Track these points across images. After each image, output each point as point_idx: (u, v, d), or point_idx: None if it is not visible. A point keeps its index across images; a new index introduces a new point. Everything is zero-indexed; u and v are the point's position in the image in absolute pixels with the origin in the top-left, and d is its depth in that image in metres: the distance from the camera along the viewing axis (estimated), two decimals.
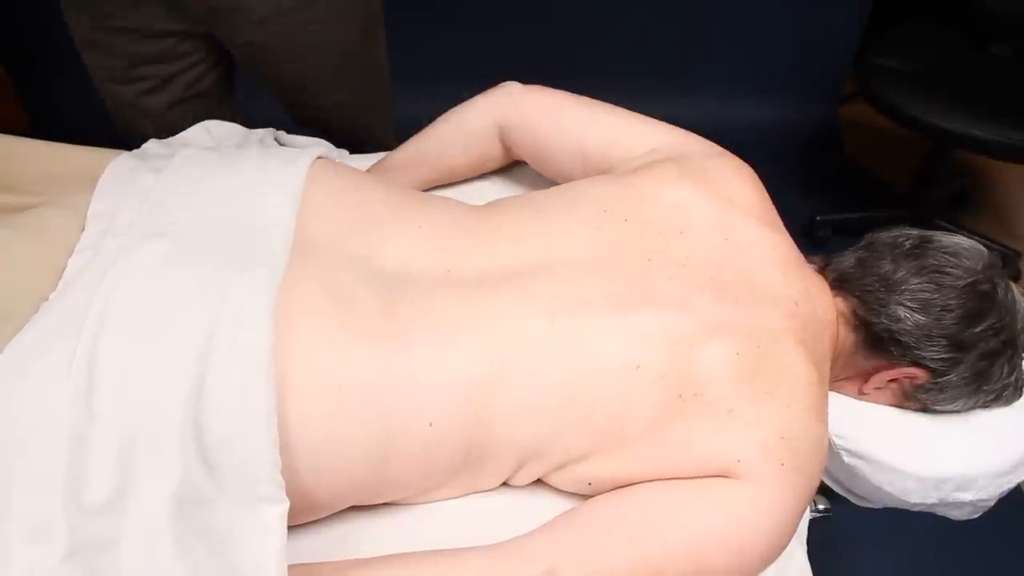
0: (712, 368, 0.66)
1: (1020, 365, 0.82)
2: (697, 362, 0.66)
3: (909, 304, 0.76)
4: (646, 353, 0.66)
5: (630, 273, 0.70)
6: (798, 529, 0.71)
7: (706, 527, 0.64)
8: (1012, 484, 0.87)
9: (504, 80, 0.91)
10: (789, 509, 0.66)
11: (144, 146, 0.84)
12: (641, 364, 0.65)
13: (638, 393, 0.65)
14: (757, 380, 0.67)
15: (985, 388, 0.81)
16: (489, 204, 0.80)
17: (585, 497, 0.69)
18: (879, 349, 0.78)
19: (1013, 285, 0.80)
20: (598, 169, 0.83)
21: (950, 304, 0.75)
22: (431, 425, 0.63)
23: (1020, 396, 0.84)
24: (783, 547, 0.67)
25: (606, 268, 0.70)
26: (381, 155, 0.98)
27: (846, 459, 0.84)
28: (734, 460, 0.65)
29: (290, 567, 0.57)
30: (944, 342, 0.76)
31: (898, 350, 0.77)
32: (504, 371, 0.64)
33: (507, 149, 0.92)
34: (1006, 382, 0.81)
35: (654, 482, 0.66)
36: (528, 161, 0.92)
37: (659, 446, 0.66)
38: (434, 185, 0.94)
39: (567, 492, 0.71)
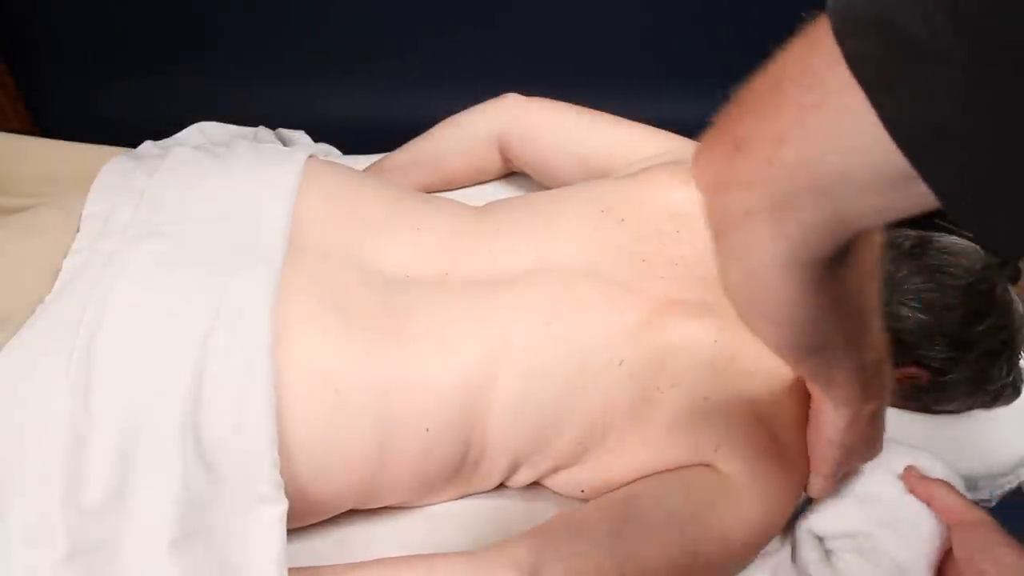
0: (690, 357, 0.66)
1: (1018, 364, 0.82)
2: (675, 352, 0.66)
3: (911, 304, 0.75)
4: (628, 349, 0.66)
5: (624, 274, 0.70)
6: None
7: (690, 517, 0.63)
8: (1012, 485, 0.87)
9: (503, 81, 0.91)
10: (776, 493, 0.65)
11: (140, 147, 0.84)
12: (624, 360, 0.65)
13: (619, 389, 0.65)
14: (735, 364, 0.66)
15: (985, 388, 0.81)
16: (487, 206, 0.80)
17: (582, 501, 0.69)
18: None
19: (1010, 286, 0.80)
20: (599, 177, 0.83)
21: (952, 303, 0.75)
22: (428, 430, 0.63)
23: (1018, 396, 0.84)
24: (775, 531, 0.67)
25: (601, 270, 0.70)
26: (376, 157, 0.98)
27: None
28: (712, 449, 0.65)
29: (290, 571, 0.57)
30: (946, 341, 0.76)
31: (900, 350, 0.76)
32: (499, 375, 0.64)
33: (506, 160, 0.92)
34: (1005, 382, 0.81)
35: (641, 479, 0.66)
36: (528, 172, 0.92)
37: (643, 442, 0.66)
38: (430, 190, 0.94)
39: (565, 495, 0.71)
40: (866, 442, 0.62)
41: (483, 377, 0.64)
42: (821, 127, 0.31)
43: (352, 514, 0.68)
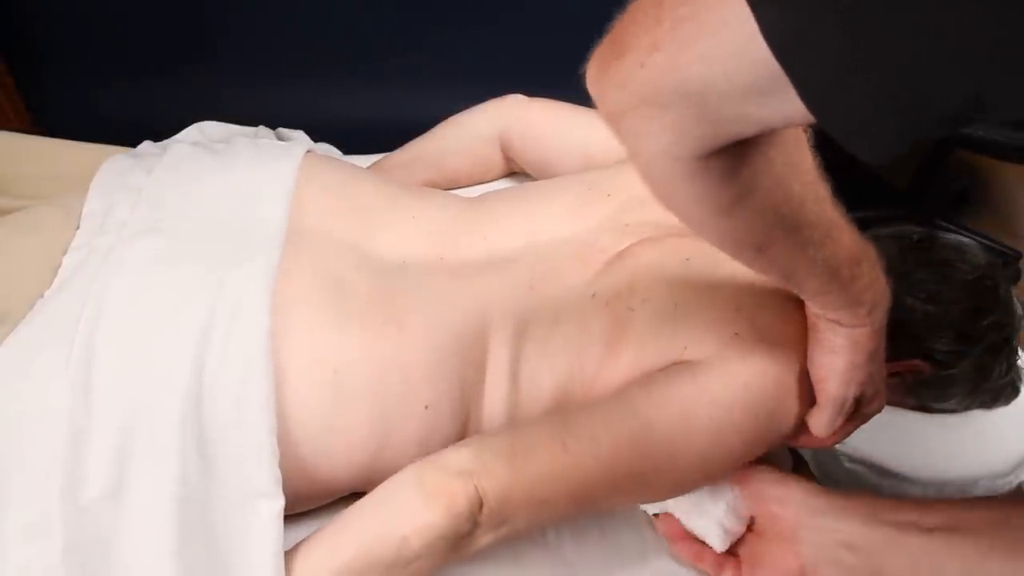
0: (660, 272, 0.66)
1: (1016, 364, 0.82)
2: (644, 271, 0.66)
3: (919, 295, 0.75)
4: (600, 282, 0.67)
5: (605, 240, 0.70)
6: None
7: (644, 392, 0.61)
8: (1012, 485, 0.87)
9: (505, 82, 0.91)
10: (752, 370, 0.62)
11: (139, 147, 0.84)
12: (596, 292, 0.66)
13: (594, 320, 0.66)
14: (714, 271, 0.65)
15: (984, 386, 0.81)
16: (481, 196, 0.81)
17: None
18: (887, 341, 0.78)
19: (1010, 287, 0.80)
20: None
21: (958, 296, 0.76)
22: (427, 407, 0.63)
23: (1016, 395, 0.84)
24: (760, 418, 0.62)
25: (585, 239, 0.71)
26: (377, 156, 0.98)
27: (847, 464, 0.84)
28: (681, 347, 0.64)
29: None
30: (952, 334, 0.76)
31: (906, 342, 0.76)
32: (490, 345, 0.65)
33: (507, 159, 0.93)
34: (1004, 381, 0.81)
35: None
36: (529, 171, 0.92)
37: (619, 361, 0.66)
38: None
39: None
40: (871, 363, 0.59)
41: (477, 351, 0.65)
42: (692, 36, 0.35)
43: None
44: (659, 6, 0.36)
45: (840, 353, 0.59)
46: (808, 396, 0.63)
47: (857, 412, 0.64)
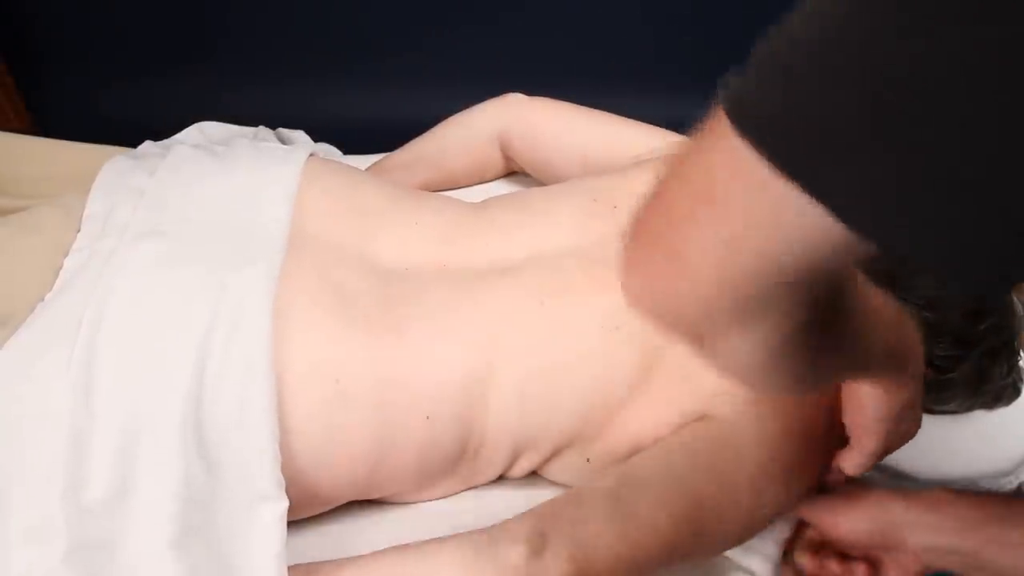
0: None
1: (1017, 365, 0.82)
2: None
3: (916, 302, 0.75)
4: (625, 314, 0.66)
5: (613, 255, 0.70)
6: None
7: (688, 466, 0.61)
8: (1014, 484, 0.87)
9: (505, 81, 0.91)
10: (780, 429, 0.63)
11: (140, 147, 0.84)
12: (620, 325, 0.66)
13: (619, 353, 0.65)
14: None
15: (984, 388, 0.81)
16: (484, 201, 0.81)
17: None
18: None
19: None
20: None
21: (956, 301, 0.75)
22: (428, 418, 0.63)
23: (1018, 396, 0.84)
24: (794, 473, 0.64)
25: (591, 254, 0.70)
26: (377, 156, 0.98)
27: None
28: (709, 394, 0.65)
29: (290, 568, 0.57)
30: (949, 339, 0.76)
31: None
32: (497, 358, 0.65)
33: (507, 159, 0.93)
34: (1004, 382, 0.81)
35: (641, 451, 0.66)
36: (529, 171, 0.92)
37: (642, 401, 0.66)
38: (432, 189, 0.94)
39: (568, 483, 0.70)
40: (912, 410, 0.60)
41: (482, 362, 0.65)
42: (774, 230, 0.31)
43: (353, 513, 0.68)
44: (713, 199, 0.33)
45: (883, 421, 0.58)
46: (834, 438, 0.64)
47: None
